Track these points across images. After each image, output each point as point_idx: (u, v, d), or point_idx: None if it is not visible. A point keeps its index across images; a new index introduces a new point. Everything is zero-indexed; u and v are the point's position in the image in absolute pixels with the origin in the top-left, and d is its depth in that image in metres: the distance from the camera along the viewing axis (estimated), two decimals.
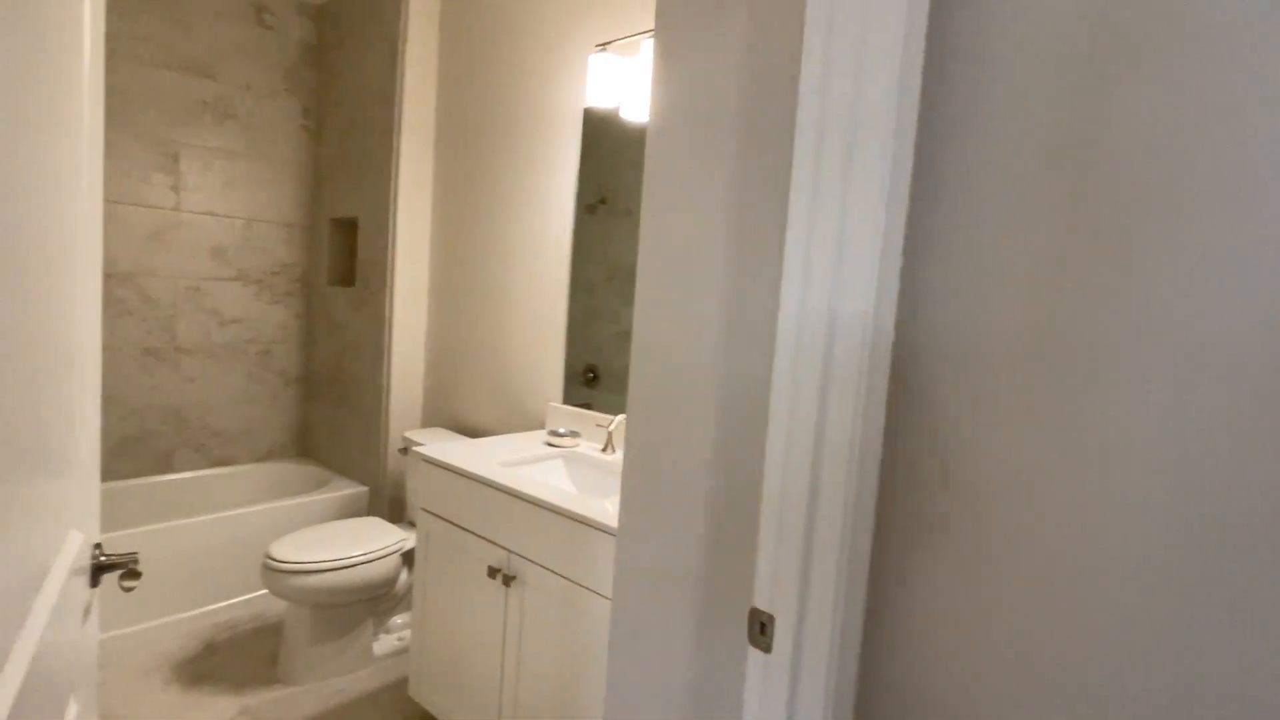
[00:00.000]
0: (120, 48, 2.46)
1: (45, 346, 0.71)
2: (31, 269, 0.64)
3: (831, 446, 0.71)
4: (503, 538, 1.55)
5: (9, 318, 0.58)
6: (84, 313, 0.84)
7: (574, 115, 2.08)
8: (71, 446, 0.80)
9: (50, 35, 0.65)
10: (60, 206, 0.72)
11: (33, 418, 0.65)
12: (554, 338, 2.16)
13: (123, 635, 2.13)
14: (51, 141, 0.68)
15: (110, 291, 2.52)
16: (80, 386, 0.83)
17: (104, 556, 0.89)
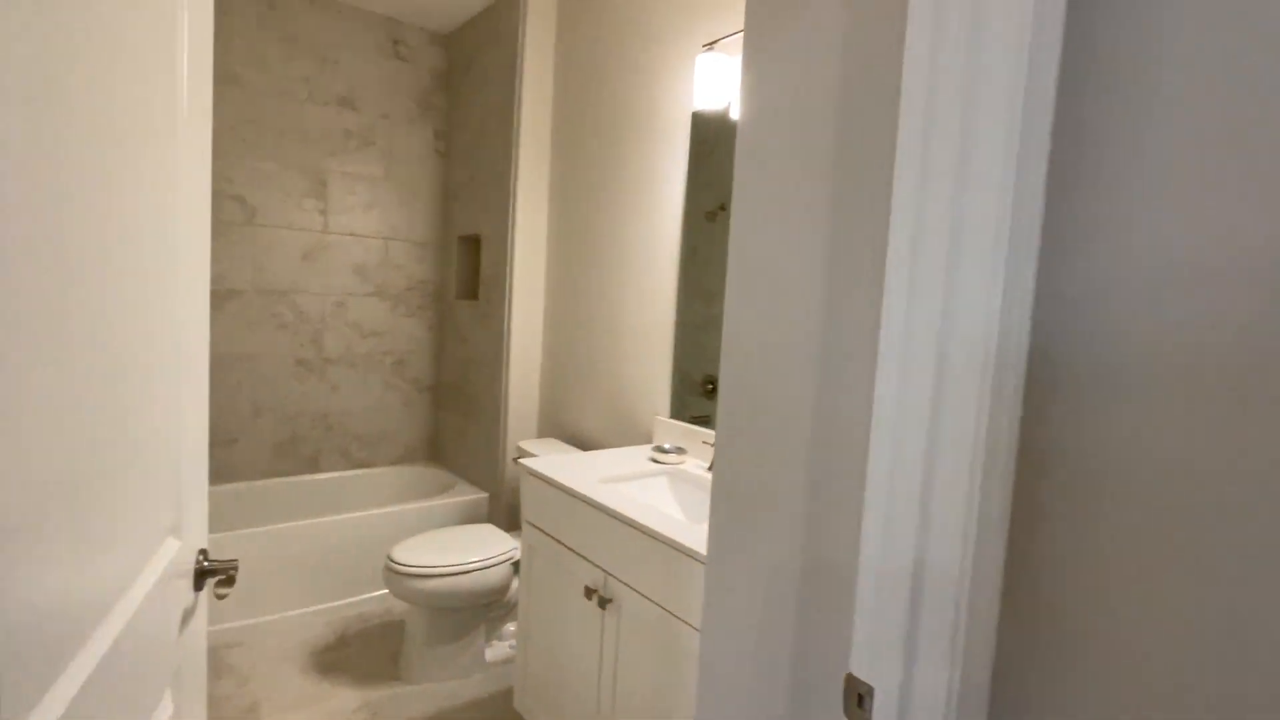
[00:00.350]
0: (282, 89, 2.73)
1: (148, 358, 0.75)
2: (134, 282, 0.67)
3: (945, 490, 0.58)
4: (600, 557, 1.50)
5: (108, 329, 0.61)
6: (192, 325, 0.89)
7: (682, 120, 2.01)
8: (176, 455, 0.84)
9: (150, 72, 0.68)
10: (165, 223, 0.76)
11: (131, 426, 0.68)
12: (662, 349, 2.09)
13: (269, 621, 2.33)
14: (155, 170, 0.71)
15: (270, 308, 2.80)
16: (188, 396, 0.87)
17: (207, 562, 0.93)
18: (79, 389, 0.56)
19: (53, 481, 0.51)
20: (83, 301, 0.56)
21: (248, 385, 2.77)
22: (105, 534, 0.63)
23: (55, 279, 0.51)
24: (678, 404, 2.06)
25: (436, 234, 3.22)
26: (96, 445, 0.60)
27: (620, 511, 1.43)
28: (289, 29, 2.73)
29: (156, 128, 0.72)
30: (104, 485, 0.62)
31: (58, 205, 0.51)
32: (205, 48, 0.89)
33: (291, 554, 2.38)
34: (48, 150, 0.49)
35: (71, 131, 0.53)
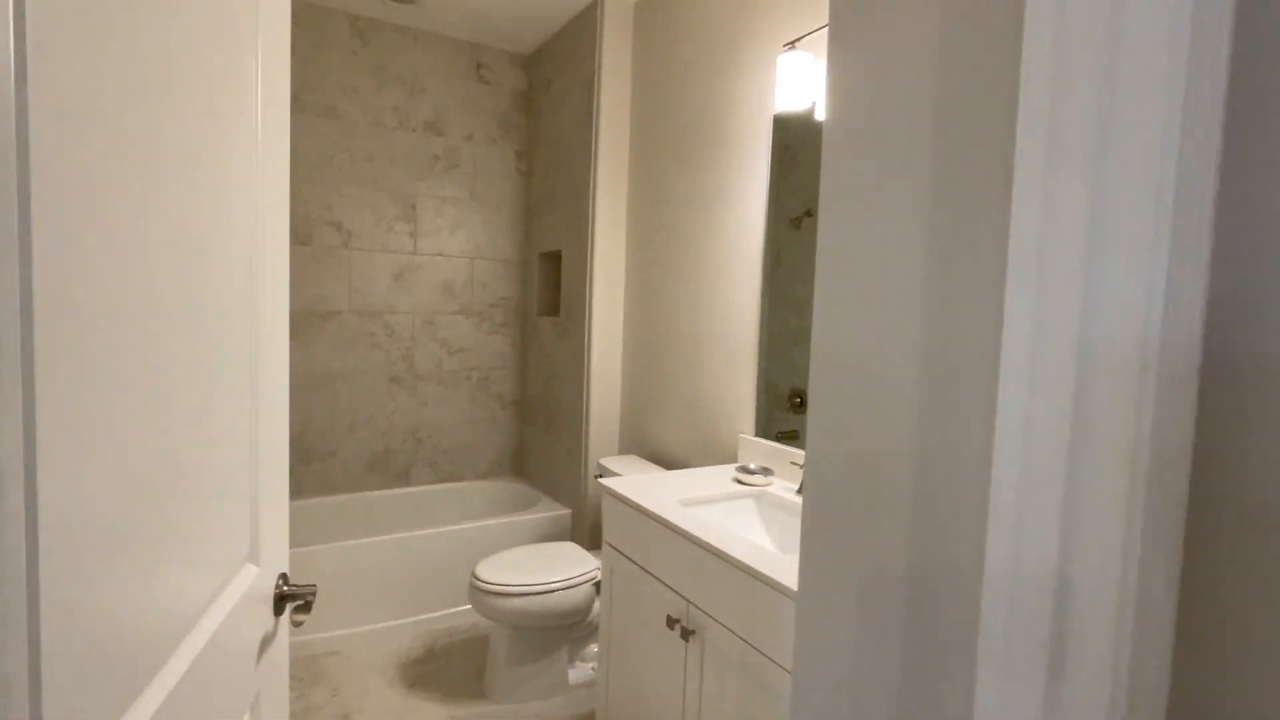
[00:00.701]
0: (374, 119, 2.86)
1: (227, 383, 0.75)
2: (215, 308, 0.67)
3: (1093, 502, 0.47)
4: (683, 586, 1.43)
5: (191, 351, 0.60)
6: (272, 350, 0.89)
7: (763, 123, 1.93)
8: (253, 481, 0.84)
9: (226, 102, 0.69)
10: (242, 247, 0.76)
11: (209, 449, 0.68)
12: (746, 364, 2.00)
13: (363, 632, 2.40)
14: (233, 195, 0.71)
15: (364, 327, 2.91)
16: (266, 421, 0.88)
17: (286, 586, 0.93)
18: (162, 409, 0.56)
19: (136, 499, 0.52)
20: (168, 322, 0.57)
21: (345, 401, 2.90)
22: (183, 556, 0.62)
23: (142, 301, 0.52)
24: (764, 420, 1.96)
25: (518, 251, 3.27)
26: (178, 466, 0.60)
27: (703, 538, 1.35)
28: (379, 60, 2.86)
29: (233, 156, 0.73)
30: (183, 507, 0.62)
31: (147, 227, 0.52)
32: (282, 80, 0.90)
33: (384, 566, 2.44)
34: (136, 175, 0.50)
35: (157, 161, 0.53)
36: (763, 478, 1.76)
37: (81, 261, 0.43)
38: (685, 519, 1.46)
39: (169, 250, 0.56)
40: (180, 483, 0.61)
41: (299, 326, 2.77)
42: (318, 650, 2.32)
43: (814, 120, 1.76)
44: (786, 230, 1.91)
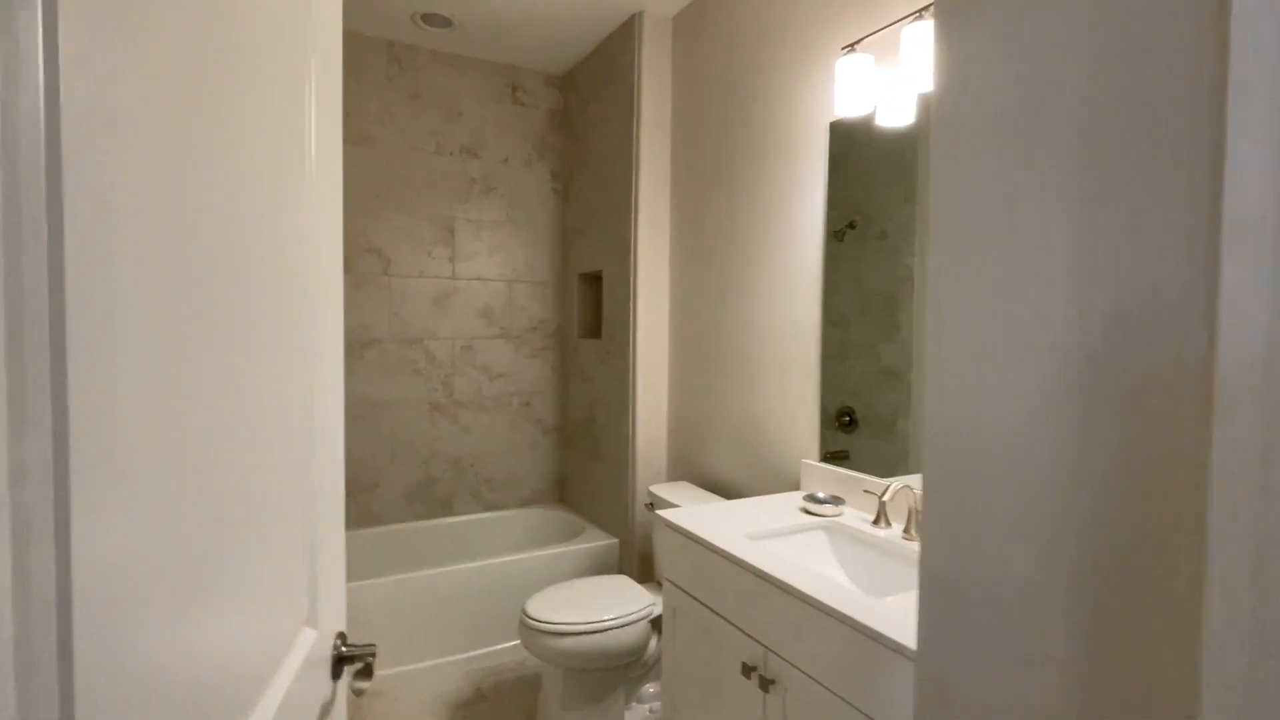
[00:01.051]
0: (411, 144, 2.84)
1: (281, 423, 0.67)
2: (262, 336, 0.60)
3: None
4: (758, 630, 1.32)
5: (251, 401, 0.52)
6: (327, 387, 0.82)
7: (818, 131, 1.83)
8: (311, 539, 0.77)
9: (281, 133, 0.62)
10: (296, 277, 0.69)
11: (264, 500, 0.60)
12: (806, 385, 1.89)
13: (408, 672, 2.31)
14: (286, 226, 0.65)
15: (405, 354, 2.87)
16: (323, 463, 0.80)
17: (344, 647, 0.85)
18: (211, 449, 0.48)
19: (185, 554, 0.45)
20: (219, 351, 0.49)
21: (386, 430, 2.85)
22: (238, 622, 0.54)
23: (190, 325, 0.44)
24: (824, 436, 1.84)
25: (557, 273, 3.21)
26: (233, 518, 0.52)
27: (780, 579, 1.24)
28: (415, 86, 2.84)
29: (287, 186, 0.66)
30: (239, 563, 0.54)
31: (196, 254, 0.45)
32: (334, 107, 0.83)
33: (429, 602, 2.36)
34: (198, 208, 0.44)
35: (216, 191, 0.46)
36: (833, 507, 1.64)
37: (116, 282, 0.36)
38: (756, 555, 1.35)
39: (220, 275, 0.49)
40: (235, 535, 0.53)
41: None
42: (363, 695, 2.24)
43: (874, 127, 1.66)
44: (830, 243, 1.81)
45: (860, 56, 1.59)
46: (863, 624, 1.05)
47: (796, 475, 1.92)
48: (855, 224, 1.77)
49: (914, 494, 1.46)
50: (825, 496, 1.67)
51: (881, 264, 1.68)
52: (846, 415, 1.81)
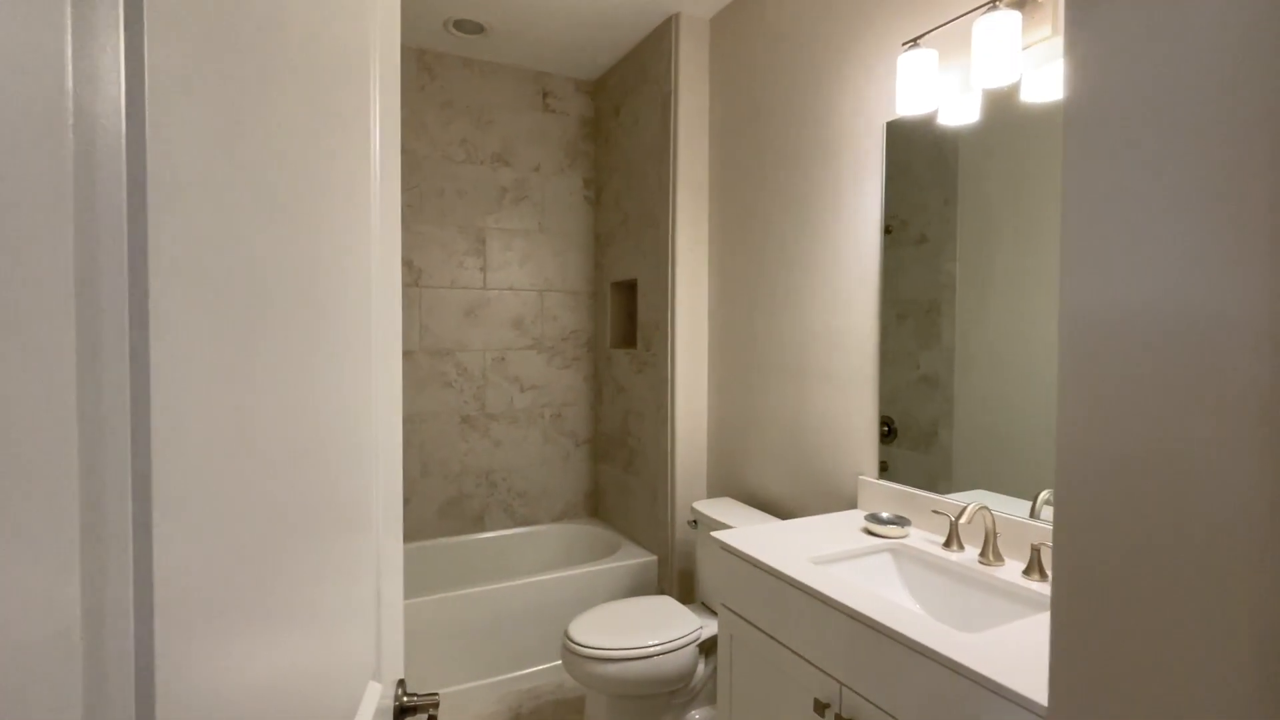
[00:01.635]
0: (442, 153, 2.79)
1: (345, 457, 0.61)
2: (328, 356, 0.53)
3: None
4: (829, 663, 1.22)
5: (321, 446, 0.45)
6: (386, 413, 0.75)
7: (874, 131, 1.75)
8: (376, 573, 0.70)
9: (353, 145, 0.56)
10: (360, 292, 0.63)
11: (334, 542, 0.53)
12: (862, 397, 1.80)
13: (445, 695, 2.24)
14: (349, 247, 0.58)
15: (436, 367, 2.82)
16: (384, 498, 0.73)
17: (406, 697, 0.77)
18: (283, 477, 0.41)
19: (278, 588, 0.38)
20: (299, 382, 0.43)
21: (417, 445, 2.79)
22: (309, 680, 0.48)
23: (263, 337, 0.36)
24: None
25: (589, 282, 3.15)
26: (314, 558, 0.45)
27: (857, 609, 1.15)
28: (446, 94, 2.80)
29: (355, 201, 0.60)
30: (311, 611, 0.47)
31: (271, 265, 0.37)
32: (393, 121, 0.77)
33: (463, 622, 2.29)
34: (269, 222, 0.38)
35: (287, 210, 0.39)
36: (897, 528, 1.55)
37: (197, 287, 0.29)
38: (825, 582, 1.26)
39: (296, 286, 0.43)
40: (310, 571, 0.46)
41: None
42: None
43: (933, 127, 1.57)
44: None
45: (924, 52, 1.51)
46: (964, 665, 0.96)
47: (852, 493, 1.83)
48: (892, 228, 1.70)
49: (991, 516, 1.36)
50: (889, 516, 1.58)
51: (921, 269, 1.62)
52: (885, 425, 1.73)
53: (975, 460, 1.50)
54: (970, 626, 1.30)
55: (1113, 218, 0.56)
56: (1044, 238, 1.35)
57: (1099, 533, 0.58)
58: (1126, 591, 0.55)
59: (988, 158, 1.45)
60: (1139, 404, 0.53)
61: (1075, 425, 0.59)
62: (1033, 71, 1.35)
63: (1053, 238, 1.33)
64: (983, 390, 1.48)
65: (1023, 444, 1.40)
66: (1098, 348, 0.57)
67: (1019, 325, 1.40)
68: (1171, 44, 0.52)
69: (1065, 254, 0.60)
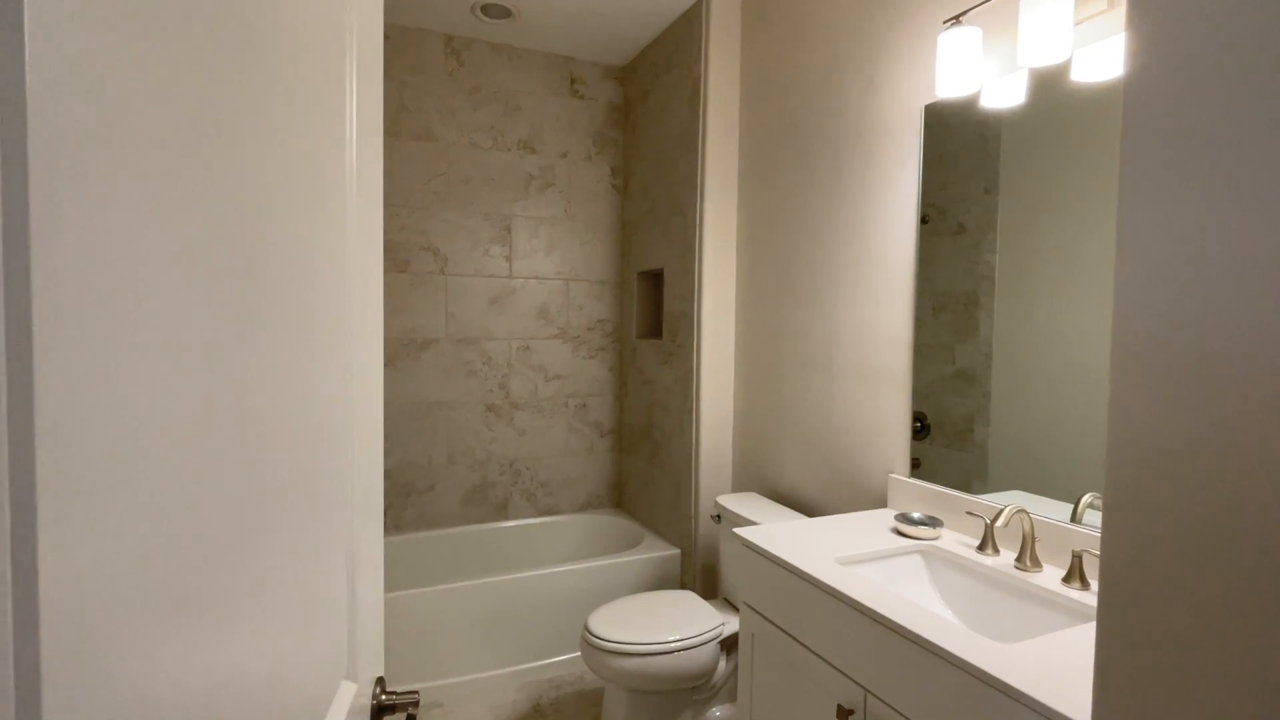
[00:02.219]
0: (469, 140, 2.78)
1: (319, 451, 0.58)
2: (297, 344, 0.50)
3: None
4: (854, 668, 1.18)
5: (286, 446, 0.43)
6: (366, 405, 0.72)
7: (912, 115, 1.67)
8: (350, 566, 0.67)
9: (320, 131, 0.53)
10: (330, 281, 0.60)
11: (288, 533, 0.51)
12: (894, 392, 1.74)
13: (464, 683, 2.25)
14: (313, 231, 0.55)
15: (461, 355, 2.81)
16: (362, 494, 0.70)
17: (384, 695, 0.75)
18: (244, 466, 0.39)
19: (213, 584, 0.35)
20: (248, 371, 0.40)
21: (442, 432, 2.80)
22: (276, 683, 0.45)
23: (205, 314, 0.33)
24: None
25: (615, 271, 3.11)
26: (265, 546, 0.42)
27: (886, 615, 1.10)
28: (474, 80, 2.78)
29: (324, 187, 0.57)
30: (274, 624, 0.44)
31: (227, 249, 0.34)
32: (375, 111, 0.74)
33: (486, 610, 2.29)
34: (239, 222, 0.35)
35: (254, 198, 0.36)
36: (929, 529, 1.49)
37: (96, 282, 0.26)
38: (852, 584, 1.21)
39: (239, 275, 0.40)
40: (261, 560, 0.43)
41: (397, 356, 2.70)
42: (421, 701, 2.18)
43: (975, 110, 1.50)
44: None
45: (966, 30, 1.43)
46: (999, 678, 0.90)
47: (882, 491, 1.77)
48: (929, 217, 1.63)
49: (1030, 519, 1.29)
50: (921, 517, 1.52)
51: (959, 261, 1.55)
52: (917, 421, 1.67)
53: (1013, 459, 1.43)
54: (1005, 635, 1.24)
55: (1176, 203, 0.51)
56: (1092, 228, 1.27)
57: (1153, 534, 0.52)
58: (1187, 600, 0.50)
59: (1033, 143, 1.38)
60: (1206, 400, 0.48)
61: (1129, 422, 0.53)
62: (1085, 48, 1.27)
63: (1102, 228, 1.25)
64: (1022, 386, 1.41)
65: (1064, 444, 1.33)
66: (1157, 339, 0.52)
67: (1062, 319, 1.33)
68: (1252, 12, 0.46)
69: (1122, 241, 0.54)
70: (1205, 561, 0.48)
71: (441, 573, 2.73)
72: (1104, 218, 1.25)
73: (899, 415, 1.72)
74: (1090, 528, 1.27)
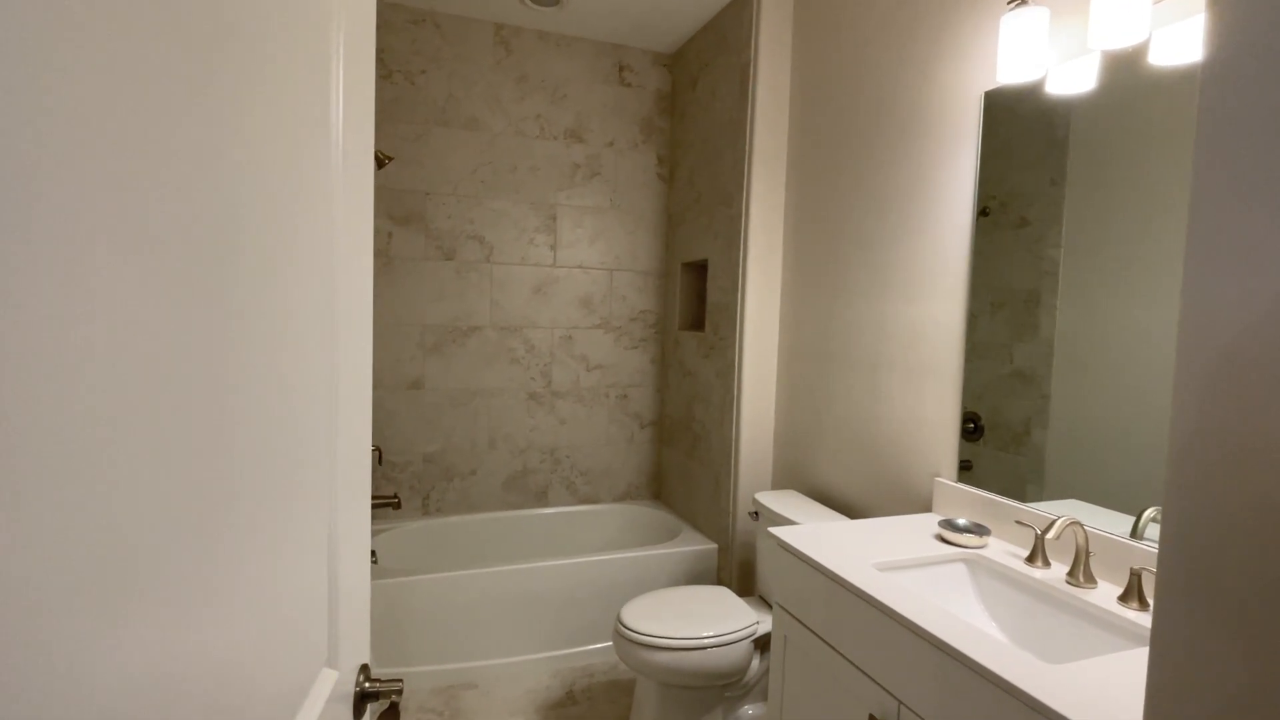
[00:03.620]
0: (516, 129, 2.79)
1: (300, 472, 0.58)
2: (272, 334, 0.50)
3: None
4: (889, 678, 1.14)
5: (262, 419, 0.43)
6: (353, 414, 0.72)
7: (970, 102, 1.59)
8: (331, 549, 0.67)
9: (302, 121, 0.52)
10: (312, 259, 0.59)
11: (255, 522, 0.50)
12: (944, 393, 1.67)
13: (499, 665, 2.28)
14: (287, 213, 0.55)
15: (505, 343, 2.84)
16: (346, 481, 0.70)
17: (368, 683, 0.76)
18: (204, 452, 0.38)
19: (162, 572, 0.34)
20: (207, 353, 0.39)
21: (484, 418, 2.83)
22: (243, 671, 0.45)
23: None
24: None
25: (659, 262, 3.08)
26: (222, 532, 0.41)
27: (921, 625, 1.05)
28: (522, 68, 2.78)
29: (304, 170, 0.56)
30: (239, 612, 0.44)
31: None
32: (366, 97, 0.72)
33: (523, 595, 2.32)
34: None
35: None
36: (975, 537, 1.42)
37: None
38: (891, 593, 1.17)
39: (202, 260, 0.39)
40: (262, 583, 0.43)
41: (443, 343, 2.74)
42: (455, 681, 2.23)
43: (1040, 96, 1.41)
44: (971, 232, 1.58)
45: (1032, 10, 1.34)
46: (1045, 705, 0.85)
47: (927, 495, 1.71)
48: (989, 210, 1.54)
49: (1085, 532, 1.22)
50: (966, 523, 1.45)
51: (1020, 256, 1.46)
52: (971, 422, 1.60)
53: (1071, 466, 1.36)
54: (1052, 655, 1.18)
55: (1259, 199, 0.45)
56: (1168, 224, 1.18)
57: (1220, 542, 0.48)
58: (1261, 619, 0.45)
59: (1105, 132, 1.28)
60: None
61: (1190, 429, 0.49)
62: (1165, 28, 1.17)
63: (1179, 225, 1.16)
64: (1084, 390, 1.33)
65: (1128, 453, 1.25)
66: (1228, 345, 0.47)
67: (1130, 320, 1.24)
68: None
69: (1193, 238, 0.49)
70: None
71: (480, 556, 2.77)
72: (1182, 213, 1.16)
73: (948, 416, 1.65)
74: (1152, 543, 1.19)
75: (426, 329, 2.71)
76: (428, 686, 2.20)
